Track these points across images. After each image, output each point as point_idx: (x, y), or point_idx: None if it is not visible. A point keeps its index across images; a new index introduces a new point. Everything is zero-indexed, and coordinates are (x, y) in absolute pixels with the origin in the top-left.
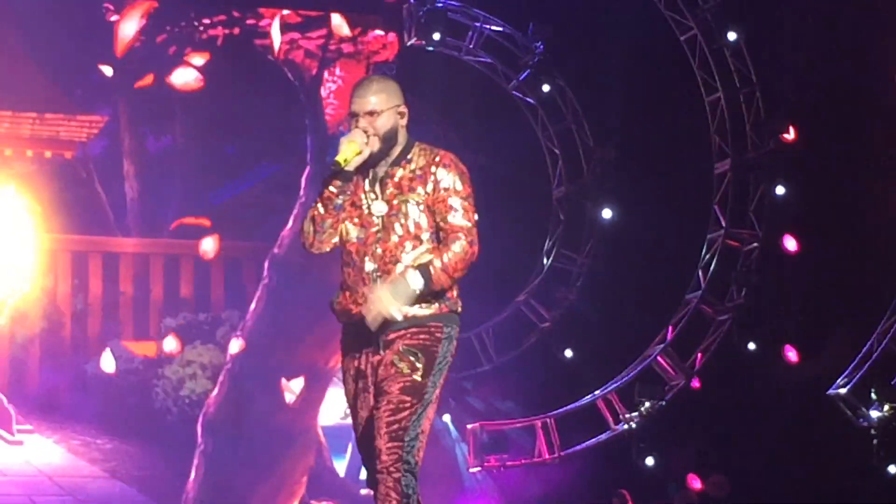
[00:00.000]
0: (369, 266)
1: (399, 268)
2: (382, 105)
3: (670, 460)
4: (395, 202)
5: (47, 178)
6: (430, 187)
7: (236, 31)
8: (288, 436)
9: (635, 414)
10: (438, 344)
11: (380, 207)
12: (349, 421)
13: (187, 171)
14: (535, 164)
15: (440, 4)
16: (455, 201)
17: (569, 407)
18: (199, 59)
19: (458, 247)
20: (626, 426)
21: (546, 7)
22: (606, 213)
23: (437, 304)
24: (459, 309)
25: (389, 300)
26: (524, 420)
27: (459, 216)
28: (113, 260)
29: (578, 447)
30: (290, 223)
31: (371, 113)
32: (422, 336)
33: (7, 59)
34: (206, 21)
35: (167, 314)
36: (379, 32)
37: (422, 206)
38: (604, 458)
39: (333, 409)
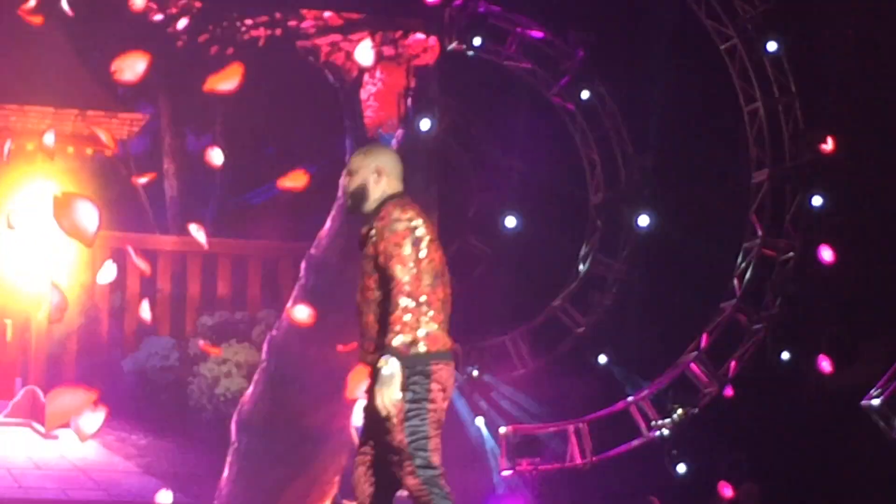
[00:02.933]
0: (361, 319)
1: (371, 318)
2: (357, 164)
3: (702, 467)
4: (367, 258)
5: (88, 174)
6: (377, 240)
7: (278, 32)
8: (321, 435)
9: (668, 421)
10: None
11: (363, 263)
12: None
13: (226, 171)
14: (574, 169)
15: (481, 9)
16: (389, 247)
17: (602, 412)
18: None
19: (398, 301)
20: (658, 433)
21: (587, 14)
22: (643, 220)
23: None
24: (427, 347)
25: (381, 397)
26: (557, 424)
27: (394, 264)
28: (151, 257)
29: (611, 452)
30: (328, 224)
31: (349, 172)
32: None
33: (50, 56)
34: (249, 22)
35: (204, 312)
36: (420, 36)
37: (377, 259)
38: (636, 464)
39: None
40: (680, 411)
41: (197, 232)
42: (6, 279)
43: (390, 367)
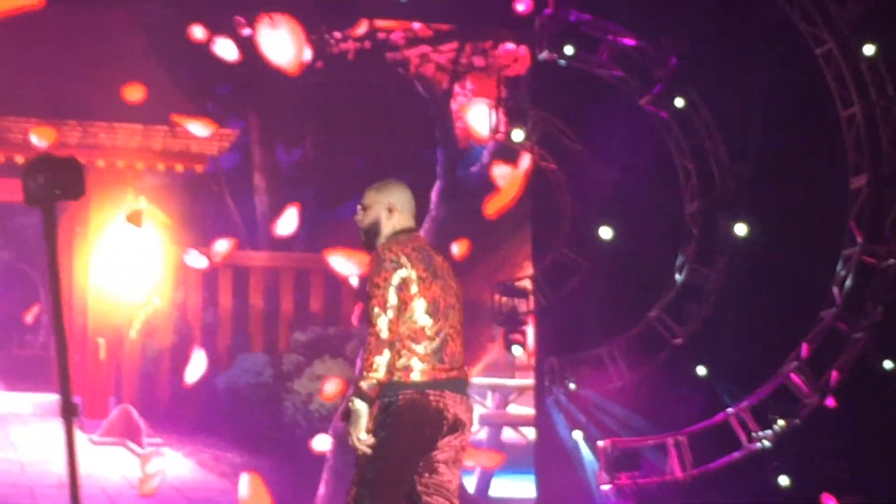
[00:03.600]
0: None
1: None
2: (370, 200)
3: (804, 479)
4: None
5: (178, 191)
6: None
7: (367, 44)
8: None
9: (769, 432)
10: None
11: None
12: (479, 437)
13: (317, 185)
14: (668, 178)
15: (572, 18)
16: (371, 289)
17: (701, 424)
18: None
19: (369, 342)
20: (759, 444)
21: (680, 21)
22: (740, 229)
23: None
24: (401, 378)
25: (350, 439)
26: (656, 437)
27: (372, 306)
28: (243, 274)
29: (711, 465)
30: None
31: (362, 207)
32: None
33: (140, 73)
34: (338, 35)
35: (296, 328)
36: (510, 46)
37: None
38: (737, 476)
39: None
40: (781, 422)
41: (196, 258)
42: (98, 298)
43: (356, 407)
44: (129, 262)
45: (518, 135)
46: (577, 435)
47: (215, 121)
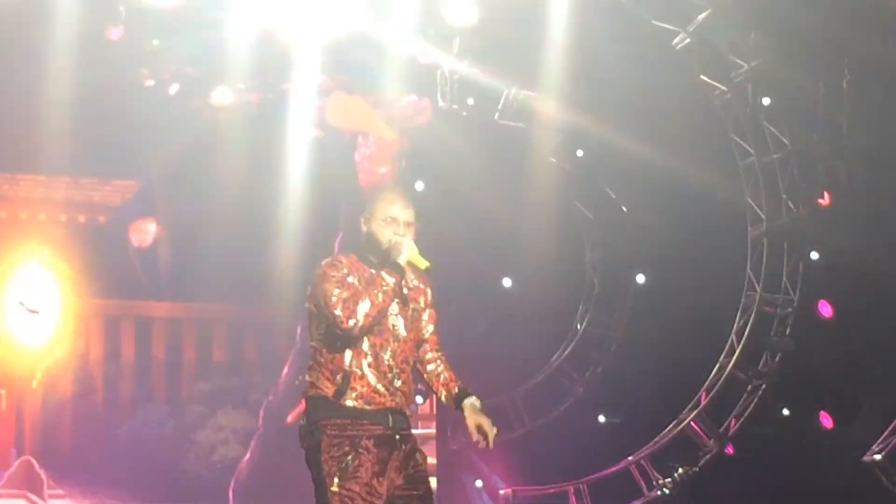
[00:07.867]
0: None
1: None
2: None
3: None
4: (411, 308)
5: (81, 242)
6: (424, 300)
7: (270, 95)
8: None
9: (669, 480)
10: None
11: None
12: None
13: (222, 236)
14: (574, 227)
15: (473, 69)
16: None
17: (602, 472)
18: None
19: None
20: (659, 492)
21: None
22: (640, 278)
23: None
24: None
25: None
26: (557, 486)
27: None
28: (146, 324)
29: None
30: None
31: (410, 224)
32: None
33: (42, 124)
34: (242, 87)
35: (200, 378)
36: (413, 98)
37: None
38: None
39: None
40: (680, 470)
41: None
42: (0, 348)
43: None
44: (32, 313)
45: (420, 185)
46: (478, 483)
47: (118, 172)
